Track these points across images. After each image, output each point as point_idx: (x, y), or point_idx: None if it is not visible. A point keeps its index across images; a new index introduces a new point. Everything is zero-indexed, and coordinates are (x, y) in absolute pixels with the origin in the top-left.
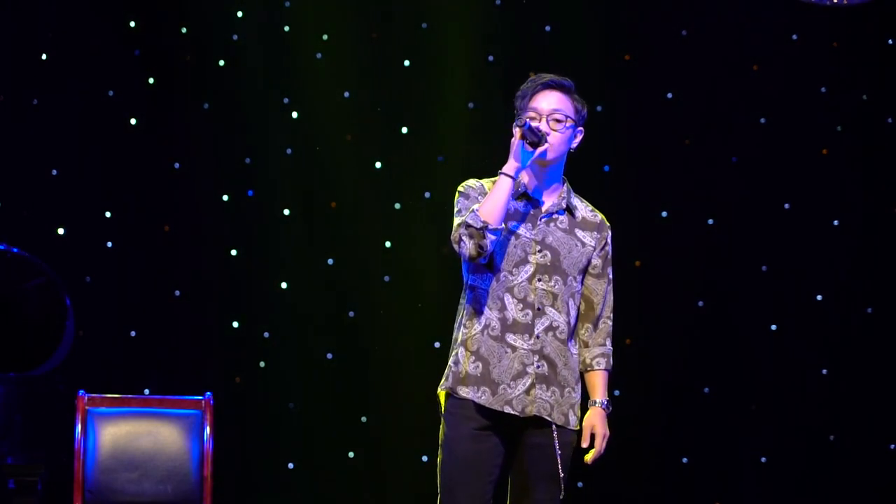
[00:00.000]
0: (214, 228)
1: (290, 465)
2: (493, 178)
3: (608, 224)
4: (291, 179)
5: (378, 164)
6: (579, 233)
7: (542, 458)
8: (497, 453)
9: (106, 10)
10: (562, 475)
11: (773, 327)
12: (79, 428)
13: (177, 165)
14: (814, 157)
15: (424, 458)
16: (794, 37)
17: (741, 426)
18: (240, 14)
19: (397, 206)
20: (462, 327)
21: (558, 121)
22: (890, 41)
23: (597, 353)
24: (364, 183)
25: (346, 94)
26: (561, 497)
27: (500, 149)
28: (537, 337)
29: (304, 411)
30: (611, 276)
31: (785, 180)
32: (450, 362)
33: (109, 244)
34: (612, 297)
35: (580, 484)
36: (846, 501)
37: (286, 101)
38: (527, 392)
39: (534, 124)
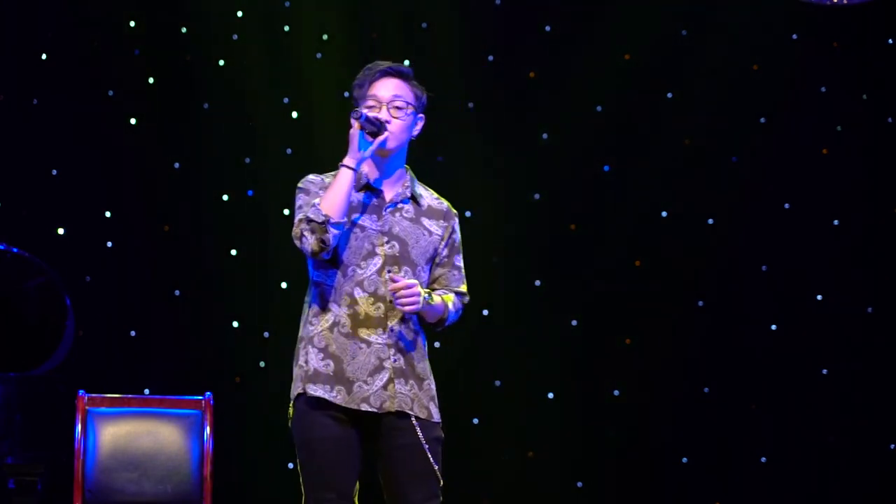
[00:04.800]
0: (214, 228)
1: (290, 465)
2: (333, 173)
3: (455, 211)
4: (291, 179)
5: None
6: (425, 221)
7: (410, 457)
8: (358, 450)
9: (106, 10)
10: (435, 468)
11: (773, 327)
12: (79, 428)
13: (177, 165)
14: (814, 157)
15: None
16: (794, 37)
17: (741, 426)
18: (240, 14)
19: None
20: (308, 325)
21: (398, 108)
22: (890, 41)
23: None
24: None
25: (346, 94)
26: (440, 487)
27: (499, 148)
28: (391, 330)
29: None
30: (459, 264)
31: (785, 180)
32: (299, 362)
33: (109, 244)
34: (464, 285)
35: (580, 484)
36: (846, 501)
37: (286, 101)
38: (385, 387)
39: (371, 113)
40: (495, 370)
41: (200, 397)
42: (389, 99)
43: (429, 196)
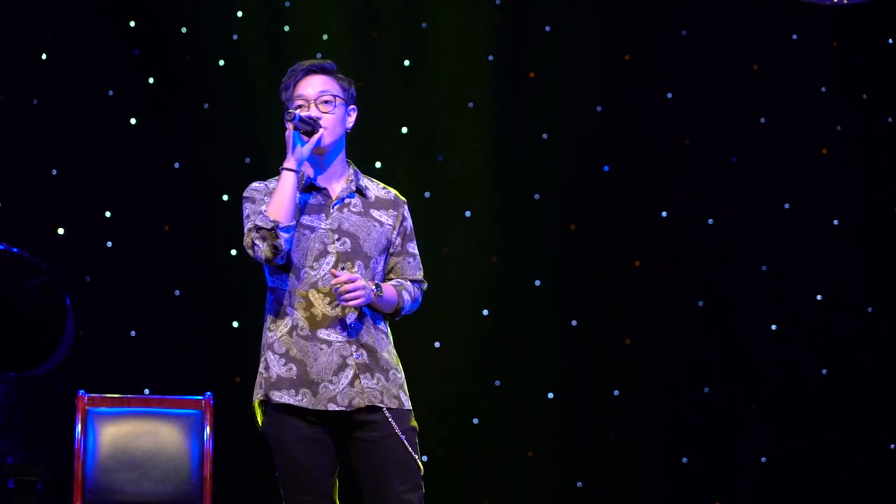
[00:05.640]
0: (214, 228)
1: None
2: (277, 178)
3: (403, 199)
4: None
5: (378, 164)
6: (375, 213)
7: (388, 451)
8: (332, 449)
9: (106, 10)
10: (415, 457)
11: (773, 327)
12: (79, 428)
13: (177, 165)
14: (814, 157)
15: (424, 458)
16: (794, 37)
17: (741, 426)
18: (240, 14)
19: None
20: (267, 331)
21: (327, 102)
22: (890, 41)
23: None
24: None
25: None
26: (421, 476)
27: (499, 148)
28: (350, 326)
29: None
30: (413, 251)
31: (785, 180)
32: (260, 369)
33: (109, 244)
34: (420, 272)
35: (580, 483)
36: (846, 501)
37: None
38: (351, 384)
39: (303, 113)
40: (495, 370)
41: (200, 397)
42: (316, 95)
43: (375, 187)
